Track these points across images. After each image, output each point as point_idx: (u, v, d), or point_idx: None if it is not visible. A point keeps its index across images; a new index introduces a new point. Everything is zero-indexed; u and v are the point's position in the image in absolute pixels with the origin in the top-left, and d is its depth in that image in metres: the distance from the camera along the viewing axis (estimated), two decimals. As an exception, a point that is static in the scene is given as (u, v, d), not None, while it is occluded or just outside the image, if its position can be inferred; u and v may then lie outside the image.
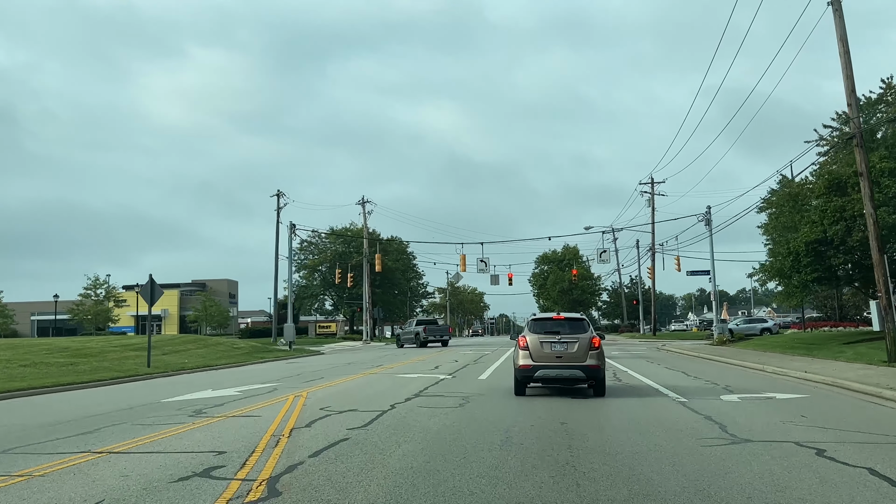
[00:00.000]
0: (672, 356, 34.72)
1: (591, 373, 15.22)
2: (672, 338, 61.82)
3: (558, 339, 15.52)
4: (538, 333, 15.72)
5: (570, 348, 15.37)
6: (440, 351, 44.05)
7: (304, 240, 79.52)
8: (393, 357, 36.83)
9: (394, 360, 33.73)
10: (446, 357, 35.20)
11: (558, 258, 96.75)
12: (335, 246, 79.86)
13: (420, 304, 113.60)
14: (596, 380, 15.43)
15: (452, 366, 27.95)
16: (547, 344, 15.47)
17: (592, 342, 15.53)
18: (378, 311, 68.25)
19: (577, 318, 16.56)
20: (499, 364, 28.49)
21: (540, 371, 15.21)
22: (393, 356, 37.85)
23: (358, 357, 37.89)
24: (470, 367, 27.60)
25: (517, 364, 15.54)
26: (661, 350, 41.41)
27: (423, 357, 36.02)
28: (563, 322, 16.17)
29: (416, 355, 38.07)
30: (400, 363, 30.44)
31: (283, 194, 62.87)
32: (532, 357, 15.43)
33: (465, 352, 41.56)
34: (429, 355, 37.97)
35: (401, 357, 36.68)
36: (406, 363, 30.47)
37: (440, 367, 27.06)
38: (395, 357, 36.84)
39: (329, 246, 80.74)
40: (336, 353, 43.93)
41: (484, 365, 28.35)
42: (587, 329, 15.94)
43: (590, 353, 15.33)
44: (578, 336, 15.56)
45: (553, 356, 15.34)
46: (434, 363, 29.87)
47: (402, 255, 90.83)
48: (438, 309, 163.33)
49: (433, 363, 29.94)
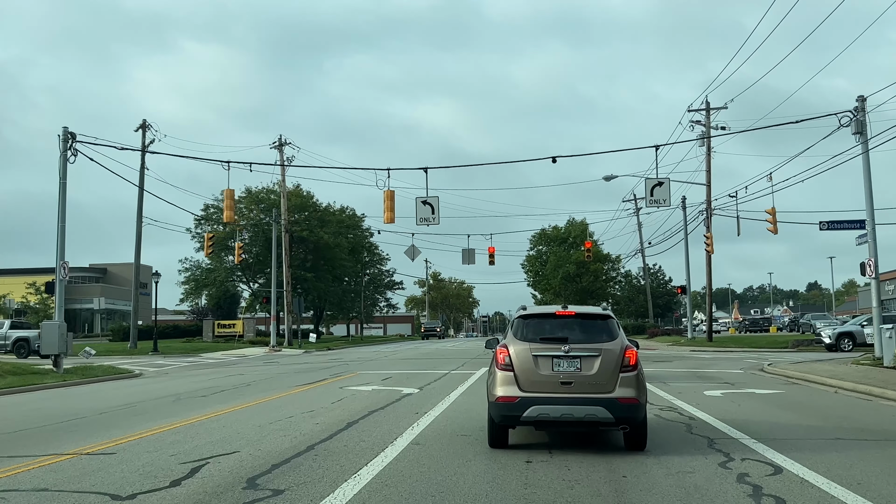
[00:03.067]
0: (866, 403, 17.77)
1: (623, 411, 9.53)
2: (741, 344, 44.73)
3: (565, 350, 9.87)
4: (531, 342, 10.11)
5: (585, 368, 9.81)
6: (349, 375, 27.22)
7: (211, 205, 62.14)
8: (250, 386, 20.44)
9: (228, 398, 17.54)
10: (326, 399, 18.43)
11: (561, 236, 79.43)
12: (254, 214, 62.29)
13: (385, 298, 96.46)
14: (632, 423, 9.63)
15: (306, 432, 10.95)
16: (545, 360, 9.88)
17: (625, 357, 9.85)
18: (298, 302, 51.16)
19: (598, 314, 10.62)
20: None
21: (534, 408, 9.59)
22: (255, 384, 21.52)
23: (192, 385, 22.27)
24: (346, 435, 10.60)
25: (493, 394, 9.99)
26: (778, 377, 24.62)
27: (293, 393, 19.18)
28: (572, 321, 10.45)
29: (294, 384, 21.36)
30: (211, 412, 13.85)
31: (151, 126, 45.57)
32: (520, 383, 9.86)
33: (391, 375, 24.63)
34: (312, 387, 21.22)
35: (261, 388, 20.17)
36: (218, 413, 13.67)
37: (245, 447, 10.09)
38: (249, 387, 20.36)
39: (246, 213, 63.23)
40: (161, 378, 27.70)
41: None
42: (614, 333, 10.21)
43: (621, 377, 9.74)
44: (600, 346, 9.93)
45: (556, 382, 9.78)
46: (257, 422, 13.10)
47: (353, 230, 73.39)
48: (419, 304, 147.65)
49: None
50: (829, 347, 37.39)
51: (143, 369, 31.16)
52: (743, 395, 16.74)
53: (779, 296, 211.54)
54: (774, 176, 37.07)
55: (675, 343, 48.05)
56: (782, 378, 22.05)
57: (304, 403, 14.84)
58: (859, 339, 37.50)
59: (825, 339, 38.32)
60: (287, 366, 30.33)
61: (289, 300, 51.56)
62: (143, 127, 46.84)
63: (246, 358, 40.13)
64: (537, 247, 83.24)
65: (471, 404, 14.36)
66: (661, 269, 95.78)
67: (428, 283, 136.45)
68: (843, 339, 37.61)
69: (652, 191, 26.22)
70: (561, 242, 79.75)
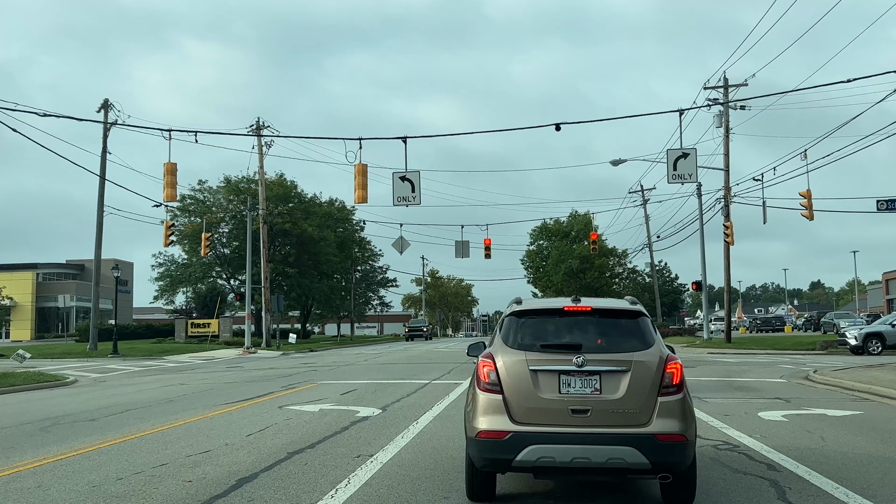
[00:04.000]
0: None
1: (663, 454, 6.69)
2: (763, 345, 40.49)
3: (578, 363, 6.90)
4: (527, 350, 7.14)
5: (608, 389, 6.91)
6: (306, 387, 23.22)
7: (188, 195, 57.89)
8: (173, 402, 16.55)
9: (127, 422, 13.75)
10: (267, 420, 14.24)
11: (563, 229, 75.07)
12: (234, 205, 57.90)
13: (379, 296, 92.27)
14: (675, 470, 6.79)
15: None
16: (549, 378, 6.94)
17: (666, 373, 6.97)
18: (277, 300, 46.85)
19: (624, 310, 7.53)
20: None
21: (532, 449, 6.72)
22: (185, 398, 17.71)
23: (111, 399, 18.80)
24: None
25: (473, 427, 7.01)
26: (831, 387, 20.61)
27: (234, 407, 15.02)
28: (587, 320, 7.45)
29: (230, 400, 17.32)
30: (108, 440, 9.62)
31: (114, 106, 41.44)
32: (511, 411, 6.93)
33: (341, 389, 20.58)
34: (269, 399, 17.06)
35: (185, 405, 16.15)
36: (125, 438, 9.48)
37: None
38: (172, 403, 16.42)
39: (224, 204, 58.92)
40: (92, 388, 24.24)
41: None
42: (649, 338, 7.26)
43: (660, 403, 6.86)
44: (629, 356, 7.00)
45: (564, 410, 6.86)
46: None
47: (342, 223, 69.05)
48: (415, 303, 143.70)
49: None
50: (855, 350, 33.44)
51: (85, 375, 27.22)
52: (811, 418, 12.60)
53: (782, 295, 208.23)
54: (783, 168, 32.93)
55: (691, 344, 43.79)
56: (841, 390, 17.91)
57: (212, 435, 10.72)
58: (890, 341, 33.57)
59: (850, 340, 34.29)
60: (249, 372, 26.23)
61: (267, 297, 47.35)
62: (105, 107, 42.71)
63: (213, 361, 36.08)
64: (538, 241, 78.98)
65: (446, 435, 10.34)
66: (666, 267, 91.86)
67: (425, 280, 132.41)
68: (871, 340, 33.67)
69: (675, 164, 22.04)
70: (563, 236, 75.48)
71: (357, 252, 76.91)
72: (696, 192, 43.25)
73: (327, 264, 62.13)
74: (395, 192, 22.80)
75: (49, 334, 74.32)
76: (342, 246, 67.77)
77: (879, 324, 36.74)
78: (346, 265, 72.10)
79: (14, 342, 64.65)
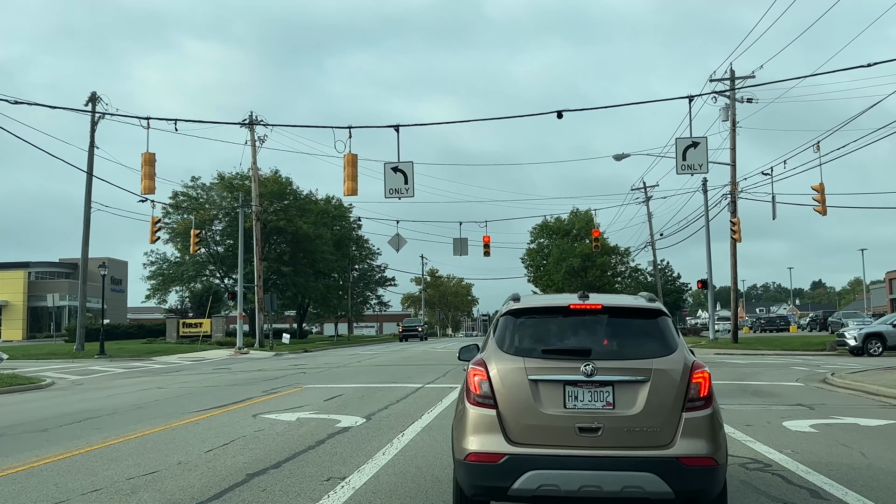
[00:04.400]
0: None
1: (689, 481, 5.70)
2: (770, 346, 39.20)
3: (587, 372, 5.87)
4: (526, 356, 6.08)
5: (623, 403, 5.91)
6: (290, 391, 21.98)
7: (180, 192, 56.55)
8: (142, 409, 15.67)
9: (84, 433, 12.90)
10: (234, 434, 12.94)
11: (564, 227, 73.70)
12: (228, 202, 56.48)
13: (377, 295, 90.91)
14: (705, 500, 5.83)
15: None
16: (552, 389, 5.93)
17: (692, 384, 5.96)
18: (271, 298, 45.48)
19: (642, 308, 6.45)
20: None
21: (532, 475, 5.71)
22: (158, 404, 16.80)
23: (83, 404, 17.71)
24: None
25: (461, 448, 5.97)
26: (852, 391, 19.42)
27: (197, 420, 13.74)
28: (597, 321, 6.35)
29: (205, 406, 16.04)
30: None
31: (101, 98, 40.17)
32: (507, 429, 5.91)
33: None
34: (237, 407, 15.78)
35: (157, 411, 15.11)
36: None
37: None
38: (141, 409, 15.41)
39: (217, 201, 57.53)
40: (67, 391, 23.54)
41: None
42: (672, 342, 6.19)
43: (685, 420, 5.86)
44: (648, 363, 5.97)
45: (570, 428, 5.85)
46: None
47: (339, 220, 67.67)
48: (415, 302, 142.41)
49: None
50: (854, 351, 32.27)
51: (64, 377, 26.06)
52: (843, 429, 11.33)
53: (783, 294, 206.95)
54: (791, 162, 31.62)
55: (696, 344, 42.43)
56: (864, 395, 16.64)
57: (168, 450, 9.46)
58: (890, 341, 32.32)
59: (850, 340, 33.06)
60: (235, 374, 24.97)
61: (260, 296, 46.03)
62: (93, 100, 41.43)
63: (202, 362, 34.82)
64: (538, 239, 77.66)
65: (433, 451, 9.10)
66: (669, 266, 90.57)
67: (424, 280, 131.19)
68: (871, 340, 32.45)
69: (685, 153, 20.72)
70: (564, 234, 74.18)
71: (354, 250, 75.60)
72: (702, 188, 41.95)
73: (323, 263, 60.78)
74: (386, 183, 21.48)
75: (41, 334, 73.04)
76: (339, 244, 66.42)
77: (880, 324, 35.37)
78: (344, 264, 70.74)
79: (5, 342, 63.37)
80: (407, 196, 21.32)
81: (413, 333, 74.30)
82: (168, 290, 61.51)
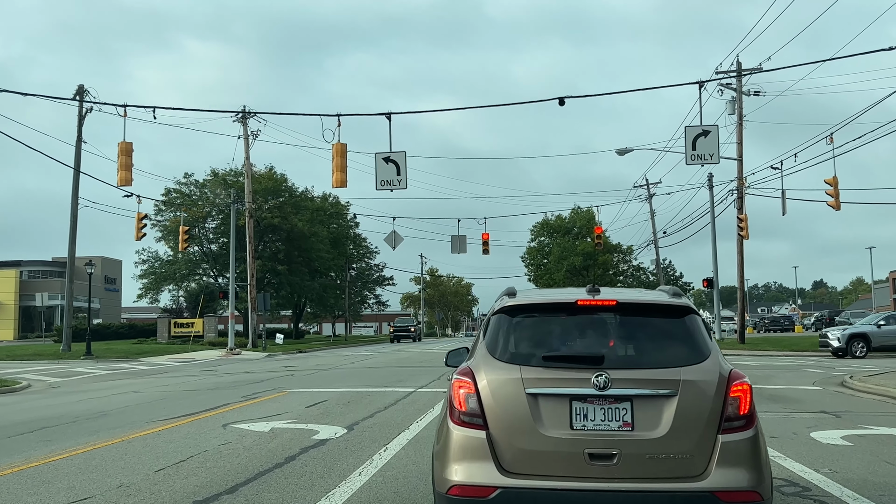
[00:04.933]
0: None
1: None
2: (779, 346, 38.07)
3: (599, 384, 4.70)
4: (523, 364, 4.89)
5: (643, 423, 4.71)
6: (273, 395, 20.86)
7: (173, 189, 55.35)
8: (108, 416, 14.81)
9: (25, 446, 11.67)
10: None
11: (565, 226, 72.52)
12: (220, 199, 55.25)
13: (375, 294, 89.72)
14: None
15: None
16: (555, 405, 4.77)
17: (730, 398, 4.78)
18: (264, 298, 44.26)
19: (665, 305, 5.24)
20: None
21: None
22: (128, 410, 15.87)
23: (46, 411, 16.54)
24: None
25: (443, 479, 4.83)
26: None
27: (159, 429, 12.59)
28: (609, 319, 5.17)
29: (178, 413, 14.98)
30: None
31: (88, 91, 38.99)
32: (500, 455, 4.75)
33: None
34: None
35: (122, 420, 14.39)
36: None
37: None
38: (107, 417, 14.59)
39: (211, 198, 56.27)
40: (40, 395, 22.82)
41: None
42: (703, 346, 5.00)
43: (722, 444, 4.68)
44: (675, 373, 4.78)
45: (579, 455, 4.67)
46: None
47: (336, 218, 66.45)
48: (414, 302, 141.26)
49: None
50: (837, 352, 30.98)
51: (42, 380, 24.97)
52: (880, 442, 10.17)
53: (784, 294, 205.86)
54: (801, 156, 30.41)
55: (701, 345, 41.30)
56: (890, 400, 15.48)
57: (114, 468, 8.28)
58: (875, 342, 31.12)
59: (833, 342, 31.70)
60: (221, 376, 23.77)
61: (253, 295, 44.82)
62: (80, 93, 40.25)
63: (190, 363, 33.66)
64: (539, 238, 76.49)
65: (418, 471, 7.94)
66: (671, 265, 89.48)
67: (424, 279, 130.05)
68: (855, 341, 31.19)
69: (694, 143, 19.45)
70: (565, 233, 73.01)
71: (352, 249, 74.35)
72: (708, 183, 40.71)
73: (320, 261, 59.56)
74: (378, 175, 20.28)
75: (32, 334, 71.90)
76: (336, 243, 65.21)
77: (864, 324, 33.91)
78: (341, 262, 69.51)
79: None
80: (399, 188, 20.12)
81: (405, 334, 67.76)
82: (160, 290, 60.32)
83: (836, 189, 28.41)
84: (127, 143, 22.84)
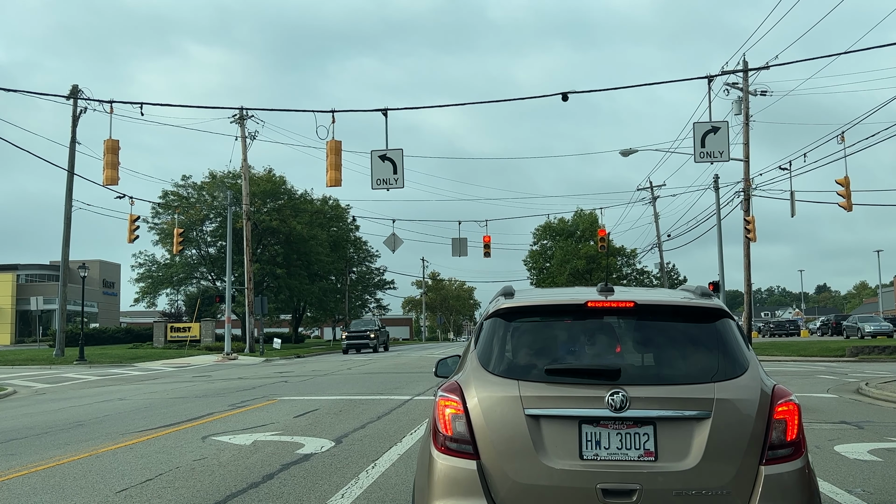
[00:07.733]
0: None
1: None
2: (787, 351, 37.31)
3: (615, 404, 3.86)
4: (521, 379, 4.01)
5: (668, 452, 3.84)
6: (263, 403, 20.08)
7: (170, 192, 54.65)
8: (84, 426, 14.03)
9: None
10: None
11: (568, 229, 71.79)
12: (218, 201, 54.56)
13: (376, 298, 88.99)
14: None
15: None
16: (561, 430, 3.92)
17: (774, 420, 3.93)
18: (261, 301, 43.56)
19: (691, 307, 4.32)
20: None
21: None
22: (108, 419, 15.19)
23: (26, 419, 15.87)
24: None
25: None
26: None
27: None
28: (624, 325, 4.28)
29: (160, 423, 14.22)
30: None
31: (82, 91, 38.32)
32: (495, 490, 3.86)
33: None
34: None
35: (99, 430, 13.51)
36: None
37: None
38: (82, 427, 13.77)
39: (208, 201, 55.60)
40: (24, 402, 22.27)
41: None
42: (740, 357, 4.10)
43: (766, 477, 3.83)
44: (707, 390, 3.94)
45: (590, 489, 3.79)
46: None
47: (336, 221, 65.73)
48: (416, 306, 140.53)
49: None
50: None
51: (30, 386, 24.32)
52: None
53: (786, 298, 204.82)
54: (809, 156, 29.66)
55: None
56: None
57: (72, 488, 7.54)
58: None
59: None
60: (213, 383, 23.02)
61: (250, 299, 44.10)
62: (74, 94, 39.56)
63: (184, 369, 32.95)
64: (541, 241, 75.77)
65: (407, 490, 7.12)
66: (675, 269, 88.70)
67: (425, 283, 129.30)
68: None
69: (703, 140, 18.64)
70: (568, 236, 72.27)
71: (352, 252, 73.61)
72: (714, 185, 39.93)
73: (319, 264, 58.82)
74: (373, 173, 19.57)
75: (29, 339, 71.17)
76: (336, 246, 64.48)
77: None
78: (341, 266, 68.80)
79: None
80: (395, 187, 19.35)
81: (362, 342, 48.02)
82: (157, 294, 59.61)
83: (848, 189, 27.63)
84: (113, 141, 22.14)
